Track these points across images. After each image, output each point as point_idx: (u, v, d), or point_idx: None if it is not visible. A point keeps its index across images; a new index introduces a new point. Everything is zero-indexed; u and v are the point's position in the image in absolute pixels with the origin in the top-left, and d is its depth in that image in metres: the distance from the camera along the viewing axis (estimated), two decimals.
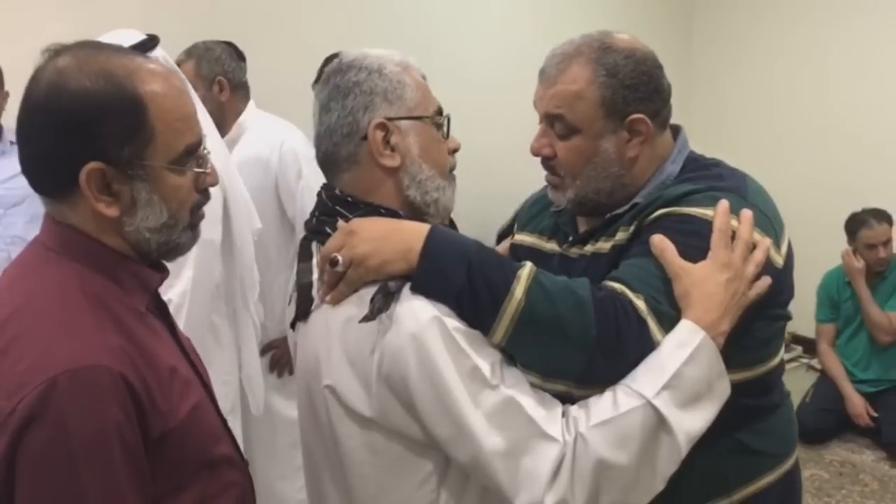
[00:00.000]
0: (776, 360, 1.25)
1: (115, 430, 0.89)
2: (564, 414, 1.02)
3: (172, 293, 1.79)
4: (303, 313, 1.13)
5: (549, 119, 1.26)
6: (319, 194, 1.17)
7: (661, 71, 1.27)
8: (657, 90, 1.25)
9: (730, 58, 5.14)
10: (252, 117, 2.64)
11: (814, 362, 4.34)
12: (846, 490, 3.35)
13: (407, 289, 1.01)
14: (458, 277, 1.00)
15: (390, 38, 2.05)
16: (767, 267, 1.13)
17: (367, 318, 1.01)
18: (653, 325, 1.03)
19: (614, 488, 0.99)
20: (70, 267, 0.98)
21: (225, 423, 1.15)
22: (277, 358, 2.62)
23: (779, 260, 1.16)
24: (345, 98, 1.11)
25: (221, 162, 1.74)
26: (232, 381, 2.11)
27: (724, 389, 1.05)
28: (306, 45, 3.43)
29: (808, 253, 1.70)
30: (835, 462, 3.58)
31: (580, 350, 1.00)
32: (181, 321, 1.73)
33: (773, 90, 4.92)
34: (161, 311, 1.14)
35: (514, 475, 0.98)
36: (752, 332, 1.15)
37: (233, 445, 1.14)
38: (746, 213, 1.13)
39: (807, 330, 4.10)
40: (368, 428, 1.05)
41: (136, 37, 1.79)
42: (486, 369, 0.99)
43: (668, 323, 1.04)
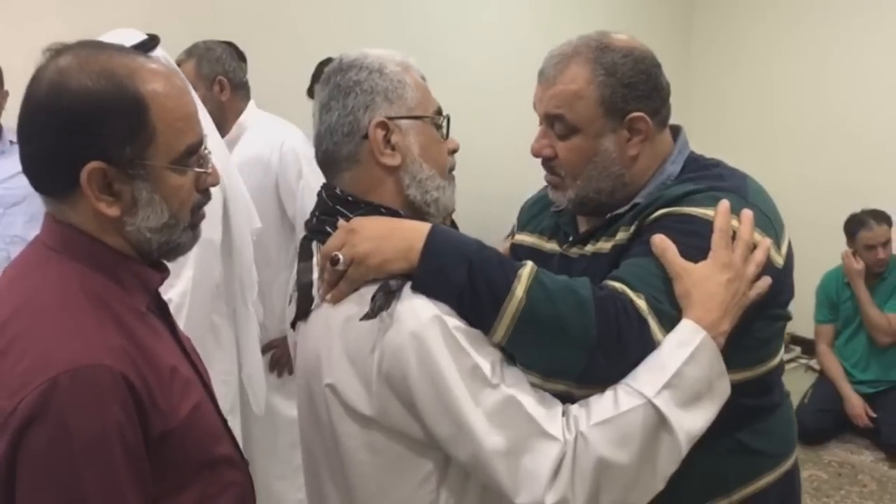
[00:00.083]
0: (776, 361, 1.26)
1: (117, 430, 0.89)
2: (565, 413, 1.02)
3: (173, 293, 1.79)
4: (303, 312, 1.13)
5: (548, 120, 1.26)
6: (320, 194, 1.17)
7: (660, 69, 1.27)
8: (656, 88, 1.25)
9: (729, 58, 5.14)
10: (252, 117, 2.64)
11: (813, 363, 4.35)
12: (845, 491, 3.35)
13: (408, 287, 1.01)
14: (459, 276, 1.00)
15: (390, 39, 2.05)
16: (768, 267, 1.13)
17: (367, 317, 1.00)
18: (653, 324, 1.03)
19: (615, 487, 0.99)
20: (71, 266, 0.98)
21: (225, 423, 1.15)
22: (277, 358, 2.62)
23: (779, 260, 1.17)
24: (345, 97, 1.11)
25: (221, 162, 1.74)
26: (232, 381, 2.11)
27: (724, 389, 1.05)
28: (306, 45, 3.43)
29: (807, 254, 1.70)
30: (833, 463, 3.58)
31: (581, 349, 1.00)
32: (181, 321, 1.73)
33: (772, 90, 4.92)
34: (161, 310, 1.14)
35: (515, 474, 0.98)
36: (752, 332, 1.15)
37: (233, 445, 1.14)
38: (747, 214, 1.13)
39: (806, 331, 4.10)
40: (369, 427, 1.05)
41: (137, 37, 1.79)
42: (486, 368, 0.99)
43: (669, 322, 1.04)
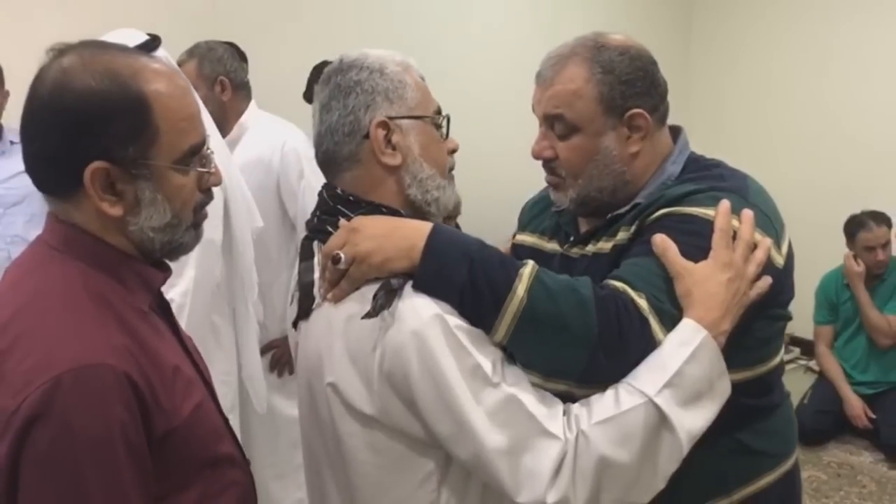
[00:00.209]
0: (776, 360, 1.26)
1: (119, 429, 0.89)
2: (566, 412, 1.02)
3: (174, 293, 1.79)
4: (305, 312, 1.13)
5: (548, 120, 1.26)
6: (321, 193, 1.17)
7: (657, 67, 1.27)
8: (654, 85, 1.25)
9: (729, 58, 5.14)
10: (254, 117, 2.64)
11: (812, 364, 4.35)
12: (844, 491, 3.35)
13: (409, 286, 1.01)
14: (461, 275, 1.00)
15: (390, 40, 2.05)
16: (768, 267, 1.13)
17: (369, 315, 1.01)
18: (654, 323, 1.03)
19: (616, 486, 0.99)
20: (73, 266, 0.98)
21: (227, 423, 1.15)
22: (278, 357, 2.62)
23: (779, 260, 1.17)
24: (346, 97, 1.11)
25: (222, 162, 1.74)
26: (231, 381, 2.11)
27: (725, 388, 1.05)
28: (307, 45, 3.44)
29: (807, 255, 1.70)
30: (833, 463, 3.59)
31: (582, 348, 1.01)
32: (183, 321, 1.73)
33: (771, 91, 4.93)
34: (164, 310, 1.14)
35: (516, 473, 0.98)
36: (752, 332, 1.15)
37: (235, 444, 1.14)
38: (747, 214, 1.13)
39: (805, 331, 4.11)
40: (370, 426, 1.05)
41: (139, 37, 1.79)
42: (487, 367, 0.99)
43: (670, 322, 1.04)
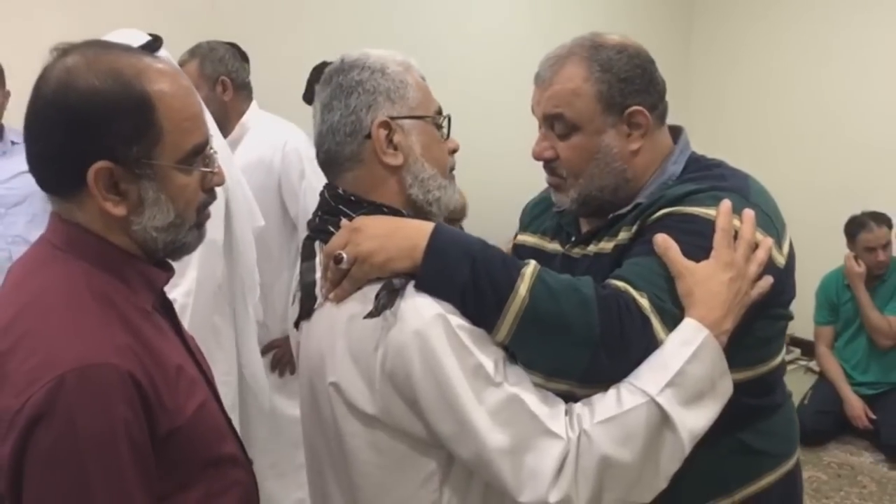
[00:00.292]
0: (778, 360, 1.26)
1: (123, 428, 0.89)
2: (568, 411, 1.02)
3: (177, 293, 1.79)
4: (306, 312, 1.14)
5: (548, 121, 1.27)
6: (322, 193, 1.17)
7: (654, 65, 1.27)
8: (652, 82, 1.26)
9: (729, 59, 5.14)
10: (255, 118, 2.65)
11: (812, 364, 4.35)
12: (844, 492, 3.35)
13: (411, 286, 1.02)
14: (463, 275, 1.00)
15: (391, 40, 2.05)
16: (769, 266, 1.13)
17: (371, 315, 1.01)
18: (656, 323, 1.04)
19: (618, 485, 0.99)
20: (77, 265, 0.98)
21: (230, 422, 1.15)
22: (279, 357, 2.62)
23: (781, 260, 1.17)
24: (348, 97, 1.11)
25: (224, 162, 1.74)
26: (231, 381, 2.11)
27: (726, 388, 1.06)
28: (307, 46, 3.43)
29: (807, 255, 1.70)
30: (833, 464, 3.59)
31: (584, 347, 1.01)
32: (186, 321, 1.73)
33: (772, 91, 4.92)
34: (166, 309, 1.14)
35: (518, 472, 0.98)
36: (753, 332, 1.15)
37: (237, 444, 1.14)
38: (749, 213, 1.13)
39: (805, 332, 4.10)
40: (372, 426, 1.05)
41: (140, 37, 1.79)
42: (489, 367, 1.00)
43: (672, 321, 1.05)
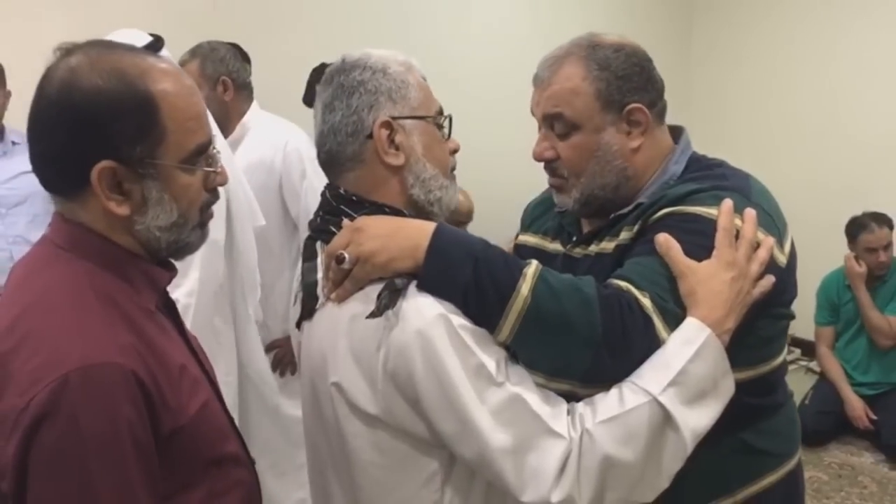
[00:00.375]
0: (779, 360, 1.26)
1: (127, 427, 0.89)
2: (570, 411, 1.02)
3: (179, 293, 1.79)
4: (308, 312, 1.14)
5: (548, 121, 1.27)
6: (323, 194, 1.17)
7: (652, 63, 1.28)
8: (650, 80, 1.26)
9: (730, 59, 5.14)
10: (256, 118, 2.65)
11: (813, 365, 4.35)
12: (845, 492, 3.35)
13: (413, 286, 1.02)
14: (465, 275, 1.00)
15: (391, 40, 2.05)
16: (771, 266, 1.13)
17: (373, 315, 1.01)
18: (658, 322, 1.04)
19: (620, 485, 0.99)
20: (80, 265, 0.98)
21: (232, 422, 1.15)
22: (280, 357, 2.63)
23: (782, 259, 1.17)
24: (349, 97, 1.11)
25: (225, 162, 1.74)
26: (231, 381, 2.11)
27: (729, 387, 1.06)
28: (308, 46, 3.43)
29: (808, 256, 1.70)
30: (833, 464, 3.58)
31: (586, 347, 1.01)
32: (188, 321, 1.73)
33: (773, 91, 4.92)
34: (169, 309, 1.14)
35: (521, 472, 0.98)
36: (755, 331, 1.15)
37: (240, 444, 1.14)
38: (750, 213, 1.13)
39: (806, 332, 4.10)
40: (374, 426, 1.05)
41: (142, 38, 1.79)
42: (491, 366, 1.00)
43: (674, 321, 1.05)
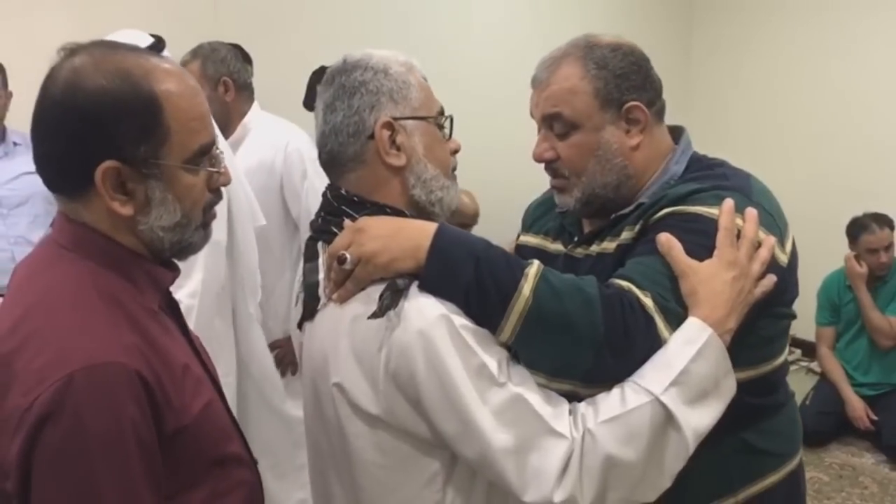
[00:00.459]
0: (780, 359, 1.26)
1: (131, 426, 0.89)
2: (572, 411, 1.02)
3: (182, 294, 1.79)
4: (310, 312, 1.14)
5: (547, 121, 1.27)
6: (325, 194, 1.17)
7: (649, 63, 1.29)
8: (648, 79, 1.27)
9: (730, 59, 5.13)
10: (256, 118, 2.65)
11: (813, 365, 4.34)
12: (846, 493, 3.35)
13: (415, 286, 1.02)
14: (467, 275, 1.00)
15: (392, 41, 2.06)
16: (772, 265, 1.13)
17: (375, 315, 1.01)
18: (660, 322, 1.04)
19: (622, 484, 0.99)
20: (83, 265, 0.98)
21: (235, 422, 1.15)
22: (280, 358, 2.63)
23: (783, 258, 1.17)
24: (350, 97, 1.11)
25: (226, 162, 1.75)
26: (231, 382, 2.12)
27: (730, 387, 1.06)
28: (309, 47, 3.43)
29: (809, 256, 1.70)
30: (834, 465, 3.58)
31: (588, 347, 1.01)
32: (191, 322, 1.73)
33: (773, 92, 4.91)
34: (172, 309, 1.14)
35: (523, 472, 0.98)
36: (756, 331, 1.15)
37: (243, 444, 1.14)
38: (751, 212, 1.13)
39: (806, 333, 4.10)
40: (376, 426, 1.05)
41: (143, 39, 1.80)
42: (493, 367, 1.00)
43: (675, 320, 1.05)
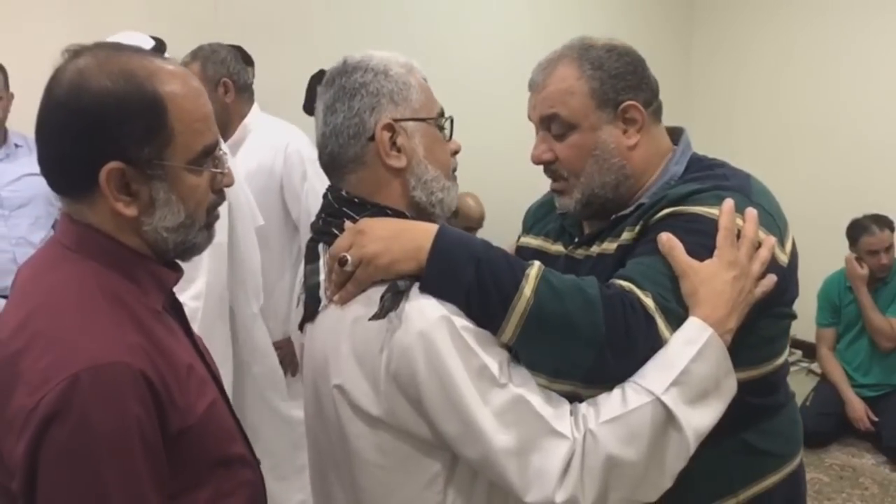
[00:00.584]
0: (781, 360, 1.26)
1: (136, 426, 0.89)
2: (573, 412, 1.02)
3: (186, 297, 1.79)
4: (311, 314, 1.14)
5: (544, 123, 1.28)
6: (325, 196, 1.18)
7: (645, 64, 1.29)
8: (644, 79, 1.27)
9: (730, 60, 5.14)
10: (256, 120, 2.65)
11: (814, 366, 4.34)
12: (846, 494, 3.35)
13: (416, 288, 1.02)
14: (467, 276, 1.00)
15: (393, 42, 2.06)
16: (772, 265, 1.13)
17: (376, 317, 1.01)
18: (661, 322, 1.04)
19: (623, 485, 1.00)
20: (87, 265, 0.98)
21: (238, 423, 1.15)
22: (281, 359, 2.62)
23: (783, 258, 1.17)
24: (351, 99, 1.11)
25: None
26: (227, 384, 2.13)
27: (731, 387, 1.06)
28: (309, 48, 3.45)
29: (809, 257, 1.70)
30: (835, 466, 3.58)
31: (589, 347, 1.01)
32: (196, 325, 1.73)
33: (774, 93, 4.92)
34: (176, 310, 1.14)
35: (525, 473, 0.98)
36: (757, 331, 1.15)
37: (246, 445, 1.15)
38: (751, 212, 1.13)
39: (807, 334, 4.10)
40: (377, 427, 1.05)
41: (145, 41, 1.80)
42: (494, 368, 1.00)
43: (676, 321, 1.05)
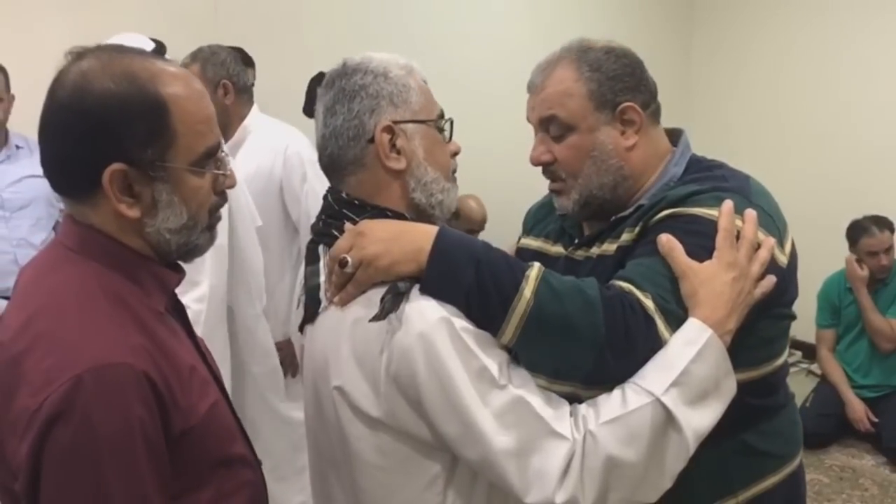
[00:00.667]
0: (781, 360, 1.26)
1: (139, 427, 0.90)
2: (573, 413, 1.03)
3: (188, 299, 1.79)
4: (311, 315, 1.14)
5: (543, 124, 1.28)
6: (325, 197, 1.18)
7: (643, 66, 1.29)
8: (642, 81, 1.28)
9: (730, 62, 5.14)
10: (256, 121, 2.65)
11: (813, 367, 4.35)
12: (846, 495, 3.36)
13: (416, 289, 1.02)
14: (468, 277, 1.01)
15: (392, 44, 2.07)
16: (772, 266, 1.13)
17: (376, 318, 1.01)
18: (660, 323, 1.04)
19: (623, 485, 1.00)
20: (90, 266, 0.99)
21: (239, 423, 1.15)
22: (281, 360, 2.62)
23: (783, 259, 1.17)
24: (350, 101, 1.11)
25: None
26: (226, 386, 2.13)
27: (730, 388, 1.06)
28: (309, 50, 3.45)
29: (809, 258, 1.71)
30: (835, 467, 3.59)
31: (589, 349, 1.01)
32: (199, 328, 1.73)
33: (774, 94, 4.92)
34: (178, 311, 1.15)
35: (525, 474, 0.98)
36: (756, 332, 1.15)
37: (247, 445, 1.15)
38: (750, 213, 1.13)
39: (807, 335, 4.10)
40: (377, 429, 1.05)
41: (146, 42, 1.80)
42: (494, 369, 1.00)
43: (676, 322, 1.05)
